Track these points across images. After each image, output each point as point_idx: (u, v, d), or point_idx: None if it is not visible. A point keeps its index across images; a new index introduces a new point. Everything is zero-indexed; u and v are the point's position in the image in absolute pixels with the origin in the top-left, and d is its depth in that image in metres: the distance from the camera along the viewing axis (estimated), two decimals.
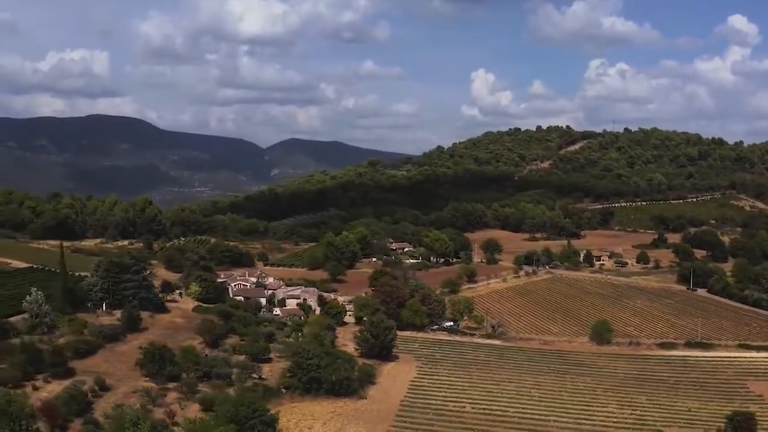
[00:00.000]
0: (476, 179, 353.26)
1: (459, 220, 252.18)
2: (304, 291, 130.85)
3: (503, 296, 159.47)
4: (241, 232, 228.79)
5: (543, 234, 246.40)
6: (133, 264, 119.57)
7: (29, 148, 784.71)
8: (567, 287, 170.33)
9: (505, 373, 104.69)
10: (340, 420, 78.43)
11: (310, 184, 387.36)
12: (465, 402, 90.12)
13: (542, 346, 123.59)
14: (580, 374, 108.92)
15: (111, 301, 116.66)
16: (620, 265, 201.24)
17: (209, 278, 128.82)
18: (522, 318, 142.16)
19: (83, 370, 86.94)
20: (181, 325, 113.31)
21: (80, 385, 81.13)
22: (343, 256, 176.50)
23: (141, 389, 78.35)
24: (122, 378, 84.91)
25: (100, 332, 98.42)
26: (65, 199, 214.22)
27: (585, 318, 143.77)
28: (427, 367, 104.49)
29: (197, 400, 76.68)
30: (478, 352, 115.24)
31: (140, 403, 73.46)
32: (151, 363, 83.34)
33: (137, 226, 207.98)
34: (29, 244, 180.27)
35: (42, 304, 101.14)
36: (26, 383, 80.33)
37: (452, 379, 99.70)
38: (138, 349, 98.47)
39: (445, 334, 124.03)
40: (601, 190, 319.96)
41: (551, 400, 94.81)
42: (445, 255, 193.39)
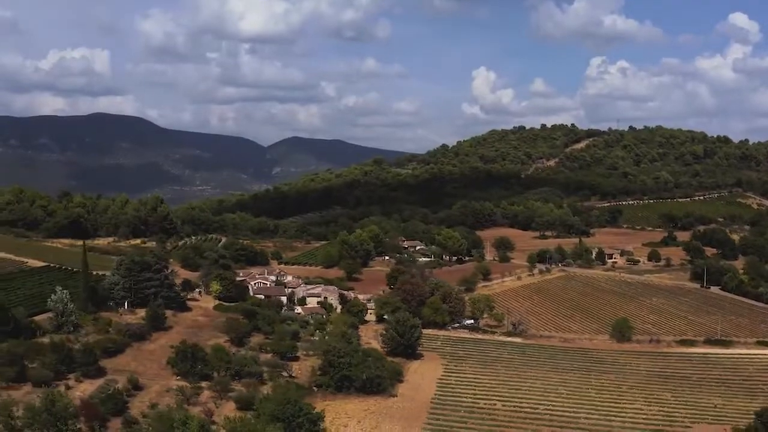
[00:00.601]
0: (483, 177, 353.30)
1: (468, 219, 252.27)
2: (324, 289, 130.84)
3: (519, 294, 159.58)
4: (251, 230, 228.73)
5: (552, 232, 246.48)
6: (155, 262, 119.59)
7: (31, 146, 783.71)
8: (582, 285, 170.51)
9: (531, 371, 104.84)
10: (374, 418, 78.51)
11: (316, 183, 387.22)
12: (495, 399, 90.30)
13: (563, 344, 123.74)
14: (603, 372, 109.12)
15: (133, 300, 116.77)
16: (632, 263, 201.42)
17: (229, 277, 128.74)
18: (540, 316, 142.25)
19: (113, 369, 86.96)
20: (205, 323, 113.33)
21: (112, 384, 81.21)
22: (357, 254, 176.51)
23: (175, 388, 78.38)
24: (154, 377, 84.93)
25: (126, 331, 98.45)
26: (76, 198, 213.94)
27: (603, 315, 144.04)
28: (453, 364, 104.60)
29: (232, 399, 76.64)
30: (501, 350, 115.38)
31: (176, 402, 73.42)
32: (182, 362, 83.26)
33: (148, 224, 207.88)
34: (43, 243, 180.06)
35: (67, 303, 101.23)
36: (58, 382, 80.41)
37: (479, 377, 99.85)
38: (164, 347, 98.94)
39: (466, 331, 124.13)
40: (608, 188, 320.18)
41: (579, 398, 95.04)
42: (458, 253, 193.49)
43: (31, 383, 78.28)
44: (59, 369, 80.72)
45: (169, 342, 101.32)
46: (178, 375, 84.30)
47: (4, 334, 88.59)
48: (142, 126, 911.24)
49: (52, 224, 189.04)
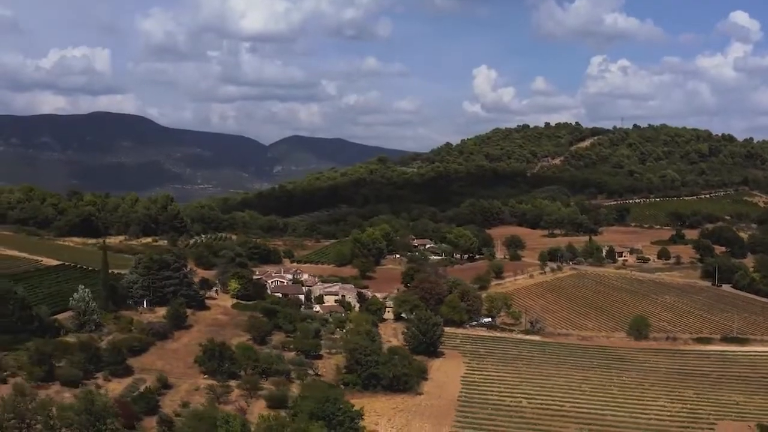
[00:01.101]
0: (489, 176, 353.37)
1: (477, 217, 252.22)
2: (341, 288, 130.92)
3: (533, 292, 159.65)
4: (261, 229, 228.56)
5: (561, 230, 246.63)
6: (173, 261, 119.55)
7: (32, 145, 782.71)
8: (594, 283, 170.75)
9: (552, 369, 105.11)
10: (404, 416, 78.70)
11: (321, 181, 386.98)
12: (520, 397, 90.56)
13: (581, 342, 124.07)
14: (624, 369, 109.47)
15: (152, 299, 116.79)
16: (642, 261, 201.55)
17: (246, 275, 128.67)
18: (555, 314, 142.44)
19: (140, 368, 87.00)
20: (225, 322, 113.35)
21: (140, 383, 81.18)
22: (369, 252, 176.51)
23: (204, 387, 78.43)
24: (181, 375, 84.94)
25: (150, 330, 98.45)
26: (87, 196, 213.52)
27: (617, 313, 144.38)
28: (474, 362, 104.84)
29: (262, 397, 76.68)
30: (521, 348, 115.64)
31: (207, 401, 73.46)
32: (210, 360, 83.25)
33: (159, 223, 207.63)
34: (55, 242, 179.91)
35: (89, 302, 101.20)
36: (87, 382, 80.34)
37: (501, 375, 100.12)
38: (187, 346, 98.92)
39: (484, 329, 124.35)
40: (614, 186, 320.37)
41: (602, 395, 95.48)
42: (469, 251, 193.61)
43: (60, 382, 78.28)
44: (87, 368, 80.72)
45: (191, 340, 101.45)
46: (205, 373, 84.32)
47: (29, 332, 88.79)
48: (143, 124, 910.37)
49: (63, 222, 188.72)
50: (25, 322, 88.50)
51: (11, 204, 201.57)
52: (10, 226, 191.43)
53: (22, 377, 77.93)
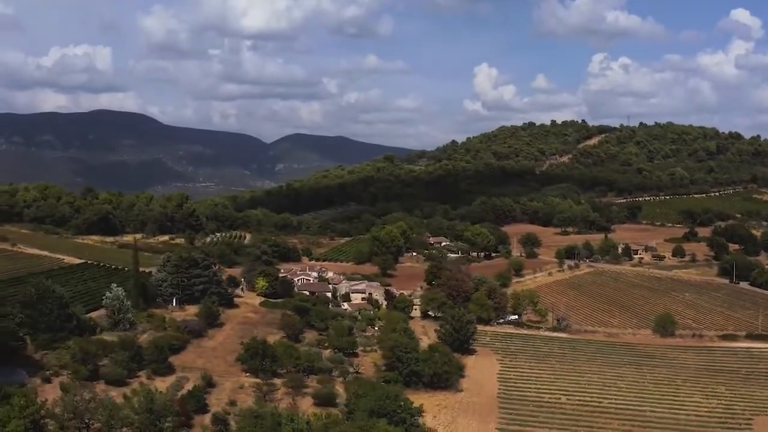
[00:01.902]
0: (497, 174, 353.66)
1: (489, 215, 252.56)
2: (368, 285, 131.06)
3: (553, 290, 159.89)
4: (275, 227, 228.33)
5: (573, 228, 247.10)
6: (202, 259, 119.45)
7: (34, 143, 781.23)
8: (612, 281, 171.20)
9: (584, 366, 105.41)
10: (448, 413, 78.94)
11: (329, 179, 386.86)
12: (558, 394, 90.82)
13: (608, 339, 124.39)
14: (654, 366, 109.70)
15: (181, 297, 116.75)
16: (658, 258, 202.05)
17: (273, 273, 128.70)
18: (578, 311, 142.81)
19: (181, 366, 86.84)
20: (256, 320, 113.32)
21: (183, 381, 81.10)
22: (388, 250, 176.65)
23: (248, 385, 78.48)
24: (223, 374, 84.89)
25: (185, 328, 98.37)
26: (102, 194, 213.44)
27: (640, 311, 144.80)
28: (507, 360, 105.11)
29: (309, 395, 76.74)
30: (551, 345, 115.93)
31: (254, 399, 73.53)
32: (252, 358, 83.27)
33: (174, 221, 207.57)
34: (74, 240, 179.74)
35: (123, 300, 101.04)
36: (130, 380, 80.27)
37: (536, 372, 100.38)
38: (224, 344, 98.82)
39: (512, 327, 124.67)
40: (623, 184, 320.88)
41: (638, 392, 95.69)
42: (486, 249, 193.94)
43: (104, 381, 78.12)
44: (130, 366, 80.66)
45: (226, 339, 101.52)
46: (247, 372, 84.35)
47: (68, 331, 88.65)
48: (145, 123, 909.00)
49: (81, 221, 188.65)
50: (64, 320, 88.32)
51: (27, 202, 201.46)
52: (26, 224, 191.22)
53: (66, 376, 77.88)
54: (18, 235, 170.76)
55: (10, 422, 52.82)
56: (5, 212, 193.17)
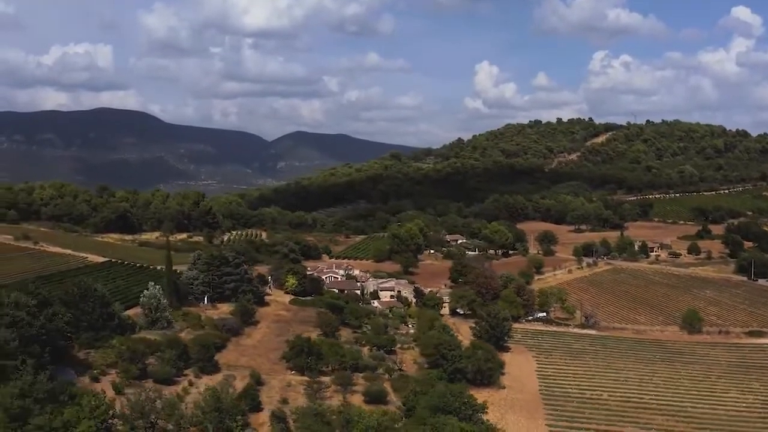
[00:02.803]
0: (506, 171, 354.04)
1: (502, 213, 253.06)
2: (397, 283, 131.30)
3: (575, 287, 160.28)
4: (290, 224, 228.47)
5: (587, 226, 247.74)
6: (233, 257, 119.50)
7: (35, 141, 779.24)
8: (632, 278, 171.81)
9: (619, 362, 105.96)
10: (496, 409, 79.19)
11: (337, 177, 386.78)
12: (599, 390, 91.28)
13: (637, 336, 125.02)
14: (687, 362, 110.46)
15: (212, 295, 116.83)
16: (674, 256, 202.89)
17: (301, 271, 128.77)
18: (604, 308, 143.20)
19: (225, 364, 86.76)
20: (288, 318, 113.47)
21: (231, 379, 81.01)
22: (408, 248, 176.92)
23: (301, 383, 78.57)
24: (268, 372, 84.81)
25: (223, 326, 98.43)
26: (119, 192, 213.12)
27: (664, 308, 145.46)
28: (543, 356, 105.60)
29: (360, 393, 76.90)
30: (582, 342, 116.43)
31: (306, 397, 73.65)
32: (298, 356, 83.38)
33: (191, 219, 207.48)
34: (94, 238, 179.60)
35: (160, 299, 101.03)
36: (178, 379, 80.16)
37: (573, 369, 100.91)
38: (263, 342, 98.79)
39: (540, 324, 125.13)
40: (633, 182, 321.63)
41: (675, 388, 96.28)
42: (504, 247, 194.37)
43: (153, 380, 77.87)
44: (177, 365, 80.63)
45: (263, 336, 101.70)
46: (292, 369, 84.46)
47: (110, 330, 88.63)
48: (146, 121, 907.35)
49: (99, 219, 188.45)
50: (106, 319, 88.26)
51: (44, 200, 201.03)
52: (44, 222, 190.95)
53: (115, 375, 77.74)
54: (38, 234, 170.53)
55: (80, 423, 52.65)
56: (23, 210, 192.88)
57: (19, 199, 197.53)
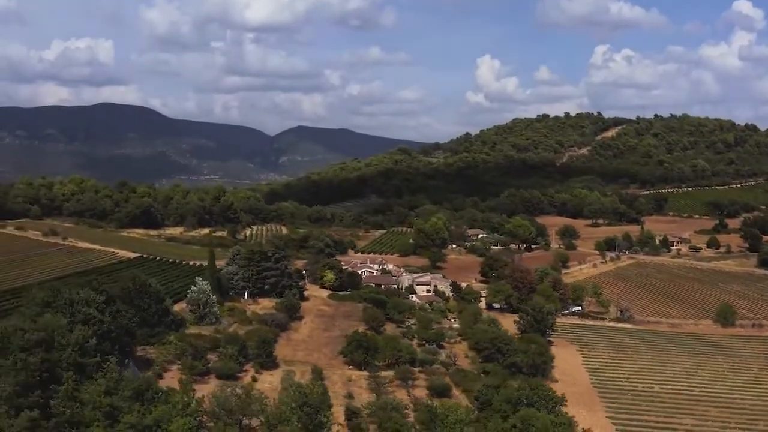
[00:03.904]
0: (518, 166, 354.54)
1: (518, 207, 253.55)
2: (433, 277, 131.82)
3: (602, 281, 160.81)
4: (308, 219, 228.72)
5: (604, 220, 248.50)
6: (273, 252, 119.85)
7: (37, 136, 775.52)
8: (657, 272, 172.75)
9: (662, 355, 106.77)
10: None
11: (347, 171, 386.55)
12: (650, 383, 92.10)
13: (672, 329, 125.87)
14: (726, 355, 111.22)
15: (252, 290, 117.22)
16: (694, 250, 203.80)
17: (337, 266, 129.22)
18: (635, 302, 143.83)
19: (282, 359, 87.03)
20: (330, 312, 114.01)
21: (291, 374, 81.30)
22: (433, 243, 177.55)
23: (360, 378, 79.08)
24: (326, 366, 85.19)
25: (272, 321, 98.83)
26: (140, 187, 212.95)
27: (693, 301, 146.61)
28: (586, 350, 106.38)
29: (423, 387, 77.43)
30: (621, 336, 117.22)
31: (373, 392, 74.13)
32: (356, 351, 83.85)
33: (213, 214, 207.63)
34: (119, 234, 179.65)
35: (209, 294, 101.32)
36: (240, 375, 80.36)
37: (618, 362, 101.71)
38: (312, 337, 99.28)
39: (577, 318, 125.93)
40: (645, 176, 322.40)
41: (721, 380, 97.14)
42: (526, 241, 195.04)
43: (216, 376, 78.00)
44: (239, 361, 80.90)
45: (311, 331, 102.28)
46: (349, 364, 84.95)
47: (165, 326, 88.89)
48: (148, 115, 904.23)
49: (123, 214, 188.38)
50: (161, 315, 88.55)
51: (65, 196, 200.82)
52: (67, 218, 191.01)
53: (178, 371, 77.85)
54: (64, 229, 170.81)
55: (173, 421, 52.75)
56: (45, 206, 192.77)
57: (41, 194, 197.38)
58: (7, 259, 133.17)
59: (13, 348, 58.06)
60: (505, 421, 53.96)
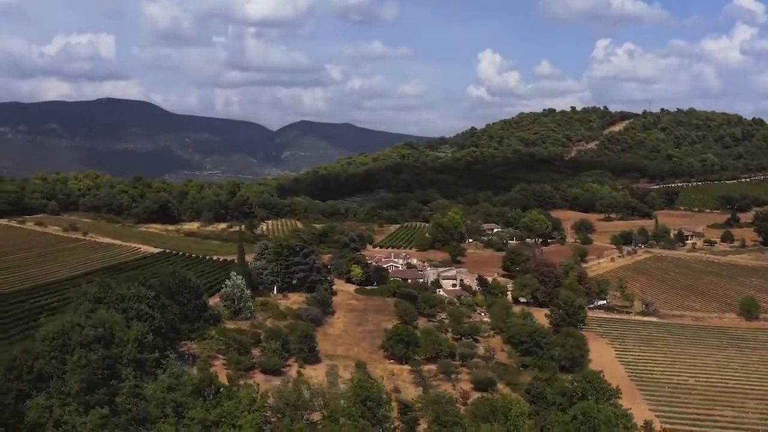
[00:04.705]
0: (527, 160, 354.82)
1: (529, 201, 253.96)
2: (458, 272, 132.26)
3: (622, 275, 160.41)
4: (322, 214, 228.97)
5: (615, 214, 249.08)
6: (301, 247, 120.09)
7: (40, 132, 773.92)
8: (674, 266, 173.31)
9: (692, 348, 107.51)
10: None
11: (354, 166, 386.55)
12: (685, 376, 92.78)
13: (697, 322, 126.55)
14: (754, 348, 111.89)
15: (280, 285, 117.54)
16: (709, 244, 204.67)
17: (362, 260, 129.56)
18: (656, 296, 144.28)
19: (323, 354, 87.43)
20: (361, 307, 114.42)
21: (335, 369, 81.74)
22: (451, 237, 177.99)
23: (402, 372, 79.59)
24: (367, 361, 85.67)
25: (307, 316, 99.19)
26: (156, 182, 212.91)
27: (714, 295, 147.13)
28: (616, 343, 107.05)
29: (467, 381, 78.02)
30: (648, 329, 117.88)
31: (421, 386, 74.58)
32: (397, 345, 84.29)
33: (228, 209, 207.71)
34: (138, 229, 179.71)
35: (243, 289, 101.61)
36: (284, 369, 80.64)
37: (649, 355, 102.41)
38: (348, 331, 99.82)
39: (602, 311, 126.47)
40: (655, 170, 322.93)
41: (753, 373, 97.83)
42: (542, 235, 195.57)
43: (260, 370, 78.36)
44: (283, 355, 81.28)
45: (346, 326, 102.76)
46: (390, 358, 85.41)
47: (205, 321, 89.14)
48: (151, 110, 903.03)
49: (141, 209, 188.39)
50: (201, 310, 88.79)
51: (81, 191, 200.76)
52: (84, 213, 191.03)
53: (222, 366, 78.19)
54: (83, 224, 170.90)
55: (241, 417, 52.93)
56: (61, 201, 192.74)
57: (56, 189, 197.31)
58: (32, 254, 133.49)
59: (74, 344, 58.37)
60: (563, 413, 54.40)
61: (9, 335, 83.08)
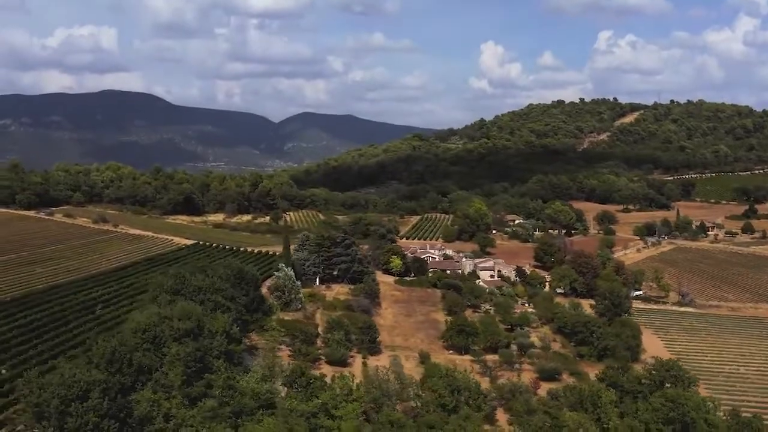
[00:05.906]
0: (539, 151, 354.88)
1: (547, 193, 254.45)
2: (496, 263, 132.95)
3: (649, 266, 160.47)
4: (342, 205, 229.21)
5: (633, 205, 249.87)
6: (342, 238, 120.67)
7: (42, 124, 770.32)
8: (701, 257, 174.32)
9: (734, 338, 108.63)
10: None
11: (365, 158, 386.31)
12: (734, 365, 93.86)
13: (733, 313, 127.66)
14: None
15: (323, 276, 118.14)
16: (731, 235, 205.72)
17: (400, 251, 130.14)
18: (689, 286, 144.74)
19: (383, 345, 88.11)
20: (404, 298, 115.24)
21: (398, 360, 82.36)
22: (478, 228, 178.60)
23: (464, 362, 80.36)
24: (428, 351, 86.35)
25: (358, 307, 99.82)
26: (178, 174, 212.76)
27: (745, 285, 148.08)
28: (661, 333, 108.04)
29: (530, 371, 78.90)
30: (689, 319, 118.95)
31: (488, 377, 75.36)
32: (458, 336, 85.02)
33: (251, 201, 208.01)
34: (165, 220, 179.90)
35: (293, 281, 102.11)
36: (349, 360, 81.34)
37: (695, 344, 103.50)
38: (400, 323, 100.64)
39: (640, 302, 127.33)
40: (668, 162, 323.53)
41: None
42: (566, 227, 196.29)
43: (326, 361, 78.85)
44: (347, 346, 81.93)
45: (395, 316, 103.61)
46: (449, 349, 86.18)
47: (262, 312, 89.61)
48: (153, 102, 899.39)
49: (166, 201, 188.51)
50: (259, 302, 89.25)
51: (105, 183, 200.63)
52: (108, 205, 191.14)
53: (289, 357, 78.54)
54: (110, 216, 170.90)
55: (340, 407, 53.48)
56: (85, 193, 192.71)
57: (80, 181, 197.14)
58: (69, 246, 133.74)
59: (165, 337, 58.72)
60: (644, 401, 55.27)
61: (69, 328, 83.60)
